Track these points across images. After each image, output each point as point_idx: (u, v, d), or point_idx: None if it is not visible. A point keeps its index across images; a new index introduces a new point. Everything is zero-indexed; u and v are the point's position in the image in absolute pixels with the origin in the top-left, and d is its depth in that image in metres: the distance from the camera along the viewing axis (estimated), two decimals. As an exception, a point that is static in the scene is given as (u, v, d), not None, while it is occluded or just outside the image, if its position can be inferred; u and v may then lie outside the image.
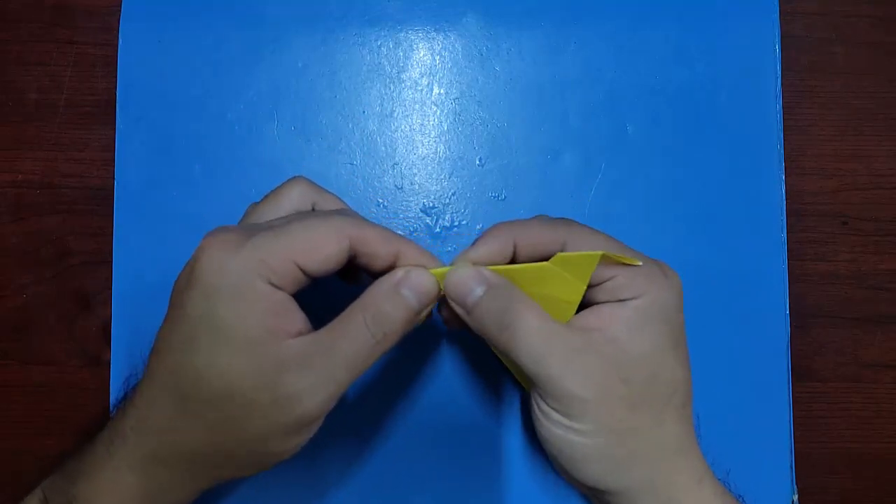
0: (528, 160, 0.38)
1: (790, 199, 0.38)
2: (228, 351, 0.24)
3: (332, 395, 0.25)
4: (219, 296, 0.24)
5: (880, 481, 0.38)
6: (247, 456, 0.26)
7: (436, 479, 0.36)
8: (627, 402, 0.26)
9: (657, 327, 0.27)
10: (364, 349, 0.25)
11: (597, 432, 0.26)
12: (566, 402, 0.26)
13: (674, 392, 0.27)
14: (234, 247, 0.25)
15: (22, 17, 0.39)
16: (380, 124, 0.38)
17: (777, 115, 0.38)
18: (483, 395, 0.36)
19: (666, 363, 0.27)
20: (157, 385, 0.26)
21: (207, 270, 0.25)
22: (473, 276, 0.27)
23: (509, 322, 0.26)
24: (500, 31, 0.38)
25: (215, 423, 0.25)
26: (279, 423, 0.25)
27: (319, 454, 0.36)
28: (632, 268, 0.27)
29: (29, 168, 0.38)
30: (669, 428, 0.27)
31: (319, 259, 0.25)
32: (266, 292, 0.25)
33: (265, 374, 0.24)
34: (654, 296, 0.27)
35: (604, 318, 0.27)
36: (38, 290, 0.38)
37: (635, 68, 0.38)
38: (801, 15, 0.40)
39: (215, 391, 0.24)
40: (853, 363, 0.39)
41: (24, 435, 0.37)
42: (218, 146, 0.37)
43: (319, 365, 0.25)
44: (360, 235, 0.26)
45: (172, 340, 0.25)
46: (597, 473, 0.27)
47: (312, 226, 0.26)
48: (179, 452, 0.26)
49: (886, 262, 0.39)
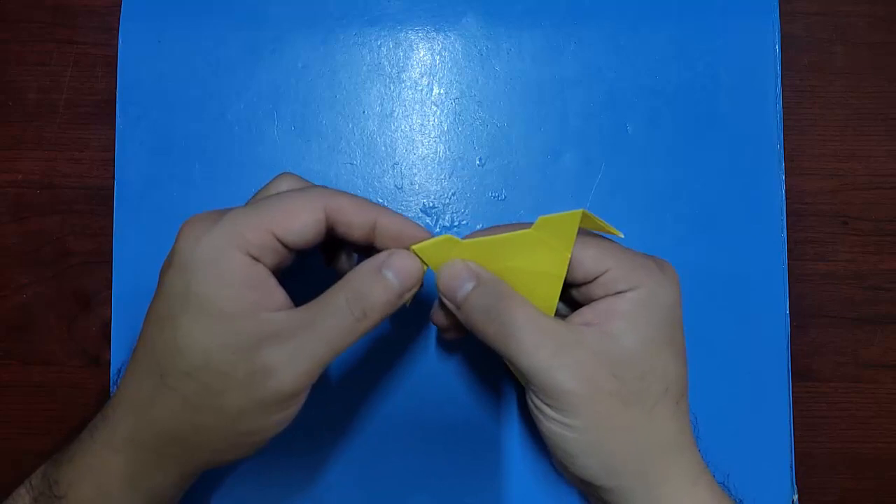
0: (528, 160, 0.38)
1: (790, 199, 0.38)
2: (206, 323, 0.24)
3: (310, 371, 0.25)
4: (196, 269, 0.25)
5: (880, 481, 0.38)
6: (225, 434, 0.26)
7: (434, 476, 0.36)
8: (619, 398, 0.26)
9: (652, 320, 0.27)
10: (343, 327, 0.25)
11: (589, 428, 0.26)
12: (557, 397, 0.26)
13: (667, 388, 0.27)
14: (211, 223, 0.25)
15: (22, 17, 0.39)
16: (380, 124, 0.38)
17: (777, 115, 0.38)
18: (482, 393, 0.36)
19: (660, 357, 0.27)
20: (137, 364, 0.26)
21: (185, 247, 0.25)
22: (463, 271, 0.27)
23: (499, 316, 0.26)
24: (500, 31, 0.38)
25: (193, 397, 0.25)
26: (255, 397, 0.25)
27: (317, 452, 0.36)
28: (626, 262, 0.27)
29: (29, 168, 0.38)
30: (663, 424, 0.27)
31: (296, 228, 0.25)
32: (243, 264, 0.25)
33: (241, 347, 0.24)
34: (650, 289, 0.27)
35: (599, 312, 0.27)
36: (38, 290, 0.38)
37: (635, 68, 0.38)
38: (801, 15, 0.40)
39: (193, 364, 0.24)
40: (853, 363, 0.39)
41: (24, 435, 0.37)
42: (218, 146, 0.37)
43: (297, 339, 0.25)
44: (334, 204, 0.26)
45: (153, 318, 0.26)
46: (591, 468, 0.27)
47: (286, 196, 0.26)
48: (158, 431, 0.26)
49: (886, 262, 0.39)
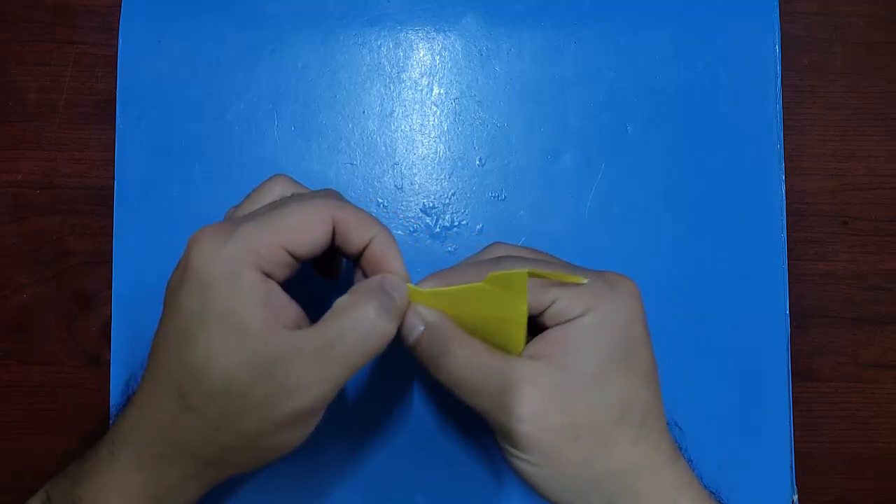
0: (528, 160, 0.38)
1: (790, 199, 0.38)
2: (224, 343, 0.24)
3: (328, 391, 0.25)
4: (212, 288, 0.24)
5: (880, 481, 0.38)
6: (247, 451, 0.26)
7: (435, 477, 0.36)
8: (568, 433, 0.25)
9: (603, 345, 0.26)
10: (366, 343, 0.25)
11: (546, 463, 0.25)
12: (508, 435, 0.25)
13: (625, 413, 0.26)
14: (223, 239, 0.25)
15: (22, 17, 0.39)
16: (380, 124, 0.38)
17: (777, 115, 0.38)
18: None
19: (613, 383, 0.26)
20: (157, 383, 0.26)
21: (199, 264, 0.25)
22: (411, 315, 0.27)
23: (445, 358, 0.26)
24: (500, 31, 0.38)
25: (215, 419, 0.25)
26: (274, 417, 0.24)
27: (320, 455, 0.36)
28: (573, 287, 0.26)
29: (29, 168, 0.38)
30: (625, 452, 0.26)
31: (307, 241, 0.25)
32: (259, 281, 0.25)
33: (259, 367, 0.24)
34: (601, 311, 0.26)
35: (550, 341, 0.26)
36: (38, 290, 0.38)
37: (635, 68, 0.38)
38: (801, 15, 0.40)
39: (214, 385, 0.24)
40: (853, 363, 0.39)
41: (24, 435, 0.37)
42: (218, 146, 0.37)
43: (314, 359, 0.24)
44: (342, 217, 0.26)
45: (169, 337, 0.25)
46: (564, 499, 0.26)
47: (297, 209, 0.26)
48: (182, 450, 0.26)
49: (886, 262, 0.39)
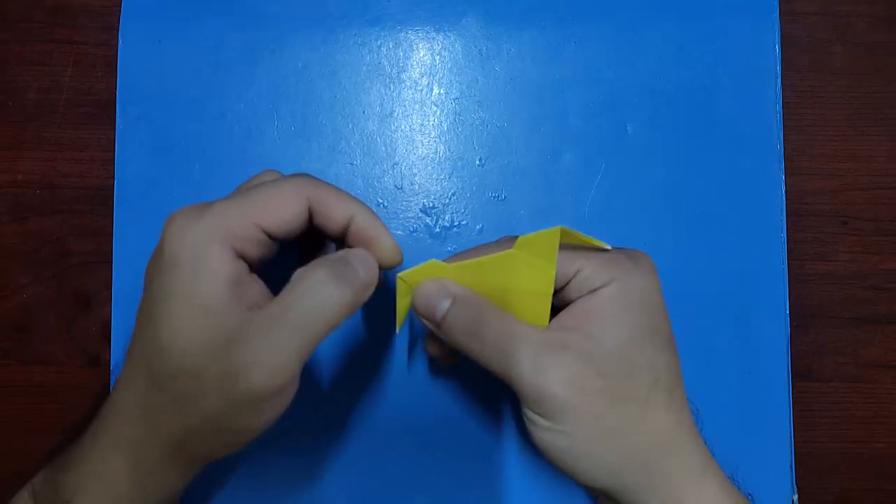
0: (528, 160, 0.38)
1: (790, 199, 0.38)
2: (188, 322, 0.24)
3: (285, 366, 0.24)
4: (180, 265, 0.24)
5: (880, 481, 0.38)
6: (213, 434, 0.25)
7: (435, 477, 0.36)
8: (607, 397, 0.25)
9: (631, 313, 0.26)
10: (319, 308, 0.25)
11: (580, 431, 0.25)
12: (544, 402, 0.25)
13: (657, 380, 0.26)
14: (196, 217, 0.25)
15: (22, 17, 0.39)
16: (380, 124, 0.38)
17: (777, 115, 0.38)
18: (482, 394, 0.36)
19: (645, 350, 0.26)
20: (131, 365, 0.26)
21: (171, 242, 0.25)
22: (438, 290, 0.27)
23: (478, 330, 0.26)
24: (500, 31, 0.38)
25: (179, 399, 0.24)
26: (230, 398, 0.24)
27: (317, 454, 0.36)
28: (596, 258, 0.26)
29: (29, 168, 0.38)
30: (657, 418, 0.26)
31: (282, 219, 0.25)
32: (226, 259, 0.24)
33: (215, 346, 0.24)
34: (624, 282, 0.26)
35: (577, 314, 0.26)
36: (38, 290, 0.38)
37: (635, 68, 0.38)
38: (801, 15, 0.40)
39: (176, 365, 0.24)
40: (853, 363, 0.39)
41: (24, 435, 0.37)
42: (218, 146, 0.37)
43: (267, 332, 0.24)
44: (317, 194, 0.26)
45: (142, 318, 0.25)
46: (591, 473, 0.26)
47: (270, 187, 0.26)
48: (155, 433, 0.26)
49: (886, 262, 0.39)
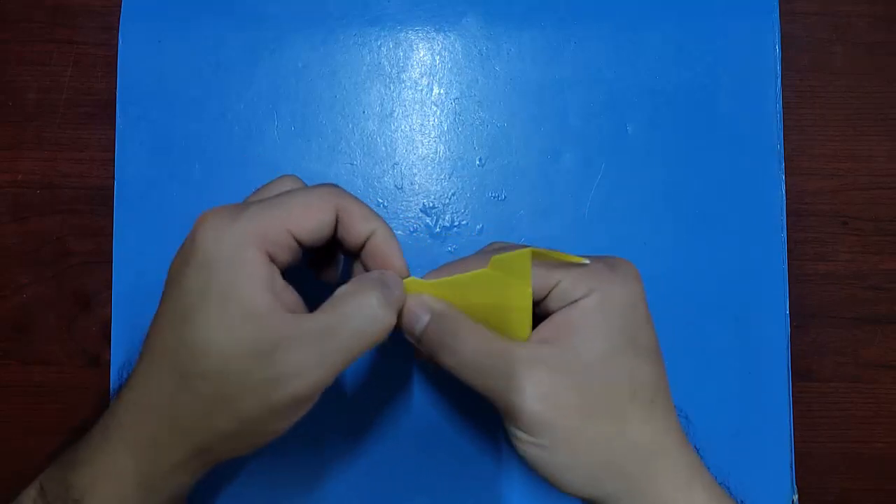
0: (528, 160, 0.38)
1: (790, 199, 0.38)
2: (227, 323, 0.24)
3: (326, 377, 0.25)
4: (217, 266, 0.24)
5: (880, 481, 0.38)
6: (241, 434, 0.25)
7: (435, 478, 0.36)
8: (583, 411, 0.25)
9: (611, 324, 0.26)
10: (366, 332, 0.25)
11: (559, 445, 0.25)
12: (520, 417, 0.25)
13: (636, 391, 0.26)
14: (231, 219, 0.25)
15: (22, 17, 0.39)
16: (380, 124, 0.38)
17: (777, 115, 0.38)
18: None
19: (623, 362, 0.26)
20: (154, 364, 0.26)
21: (205, 242, 0.24)
22: (417, 305, 0.27)
23: (454, 346, 0.26)
24: (500, 31, 0.38)
25: (211, 401, 0.24)
26: (270, 402, 0.24)
27: (319, 454, 0.36)
28: (575, 270, 0.26)
29: (29, 168, 0.38)
30: (637, 429, 0.26)
31: (313, 226, 0.26)
32: (263, 263, 0.24)
33: (260, 349, 0.24)
34: (604, 292, 0.26)
35: (556, 326, 0.26)
36: (38, 290, 0.38)
37: (635, 68, 0.38)
38: (801, 15, 0.40)
39: (212, 366, 0.24)
40: (853, 363, 0.39)
41: (24, 435, 0.37)
42: (218, 146, 0.37)
43: (314, 344, 0.24)
44: (345, 205, 0.27)
45: (170, 316, 0.25)
46: (574, 484, 0.26)
47: (302, 194, 0.26)
48: (176, 433, 0.25)
49: (886, 262, 0.39)
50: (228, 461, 0.27)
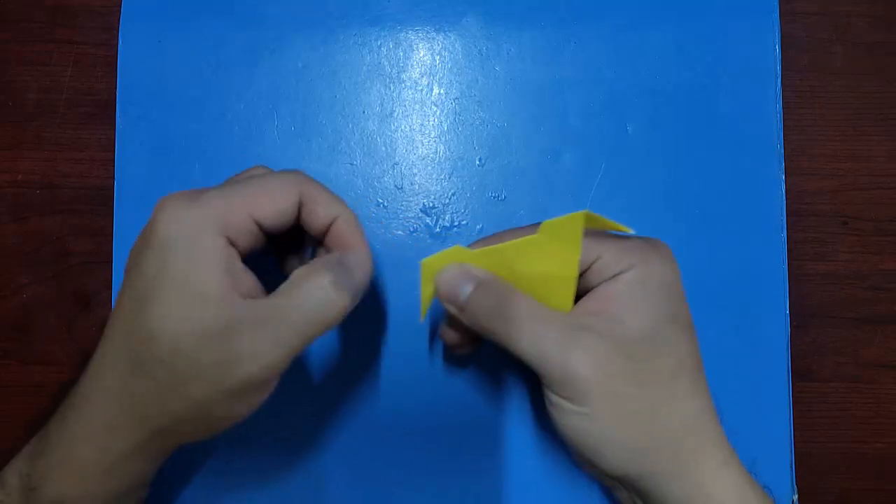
0: (528, 160, 0.38)
1: (790, 199, 0.38)
2: (180, 307, 0.24)
3: (279, 361, 0.24)
4: (174, 250, 0.24)
5: (880, 481, 0.38)
6: (196, 418, 0.25)
7: (435, 477, 0.36)
8: (634, 378, 0.25)
9: (652, 298, 0.26)
10: (319, 314, 0.25)
11: (607, 413, 0.25)
12: (570, 384, 0.25)
13: (681, 363, 0.26)
14: (189, 203, 0.25)
15: (22, 17, 0.39)
16: (380, 124, 0.38)
17: (777, 115, 0.38)
18: (483, 394, 0.36)
19: (669, 334, 0.26)
20: (111, 349, 0.26)
21: (162, 226, 0.24)
22: (460, 274, 0.27)
23: (503, 313, 0.26)
24: (500, 31, 0.38)
25: (165, 384, 0.24)
26: (223, 385, 0.24)
27: (318, 452, 0.36)
28: (616, 245, 0.26)
29: (29, 168, 0.38)
30: (682, 401, 0.26)
31: (274, 211, 0.26)
32: (220, 246, 0.24)
33: (211, 333, 0.24)
34: (645, 267, 0.26)
35: (600, 298, 0.26)
36: (38, 290, 0.38)
37: (635, 68, 0.38)
38: (801, 15, 0.40)
39: (165, 349, 0.24)
40: (853, 363, 0.39)
41: (24, 435, 0.37)
42: (218, 146, 0.37)
43: (266, 327, 0.24)
44: (308, 191, 0.27)
45: (127, 301, 0.25)
46: (615, 457, 0.26)
47: (264, 179, 0.26)
48: (132, 418, 0.25)
49: (886, 262, 0.39)
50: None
